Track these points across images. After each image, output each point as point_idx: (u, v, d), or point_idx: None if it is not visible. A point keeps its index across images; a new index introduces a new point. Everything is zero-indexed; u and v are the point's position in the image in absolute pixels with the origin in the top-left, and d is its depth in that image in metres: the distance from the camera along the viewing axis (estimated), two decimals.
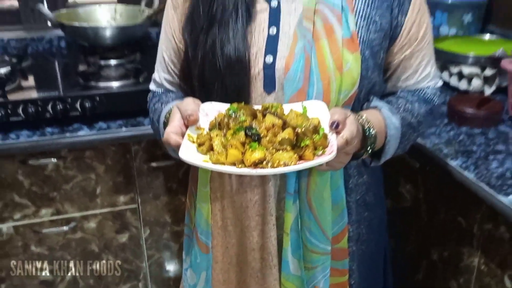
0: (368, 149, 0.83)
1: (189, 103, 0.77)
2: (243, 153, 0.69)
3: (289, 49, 0.82)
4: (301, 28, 0.82)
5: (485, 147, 1.22)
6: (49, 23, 1.89)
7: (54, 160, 1.38)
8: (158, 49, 1.01)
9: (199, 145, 0.72)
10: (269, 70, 0.83)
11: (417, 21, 0.89)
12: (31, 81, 1.57)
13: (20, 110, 1.32)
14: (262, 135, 0.71)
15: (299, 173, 0.86)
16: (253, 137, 0.70)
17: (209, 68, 0.84)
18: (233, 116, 0.74)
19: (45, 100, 1.34)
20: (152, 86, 1.05)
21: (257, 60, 0.84)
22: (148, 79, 1.44)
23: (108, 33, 1.59)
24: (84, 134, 1.35)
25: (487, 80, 1.57)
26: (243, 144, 0.70)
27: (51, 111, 1.34)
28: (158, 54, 1.01)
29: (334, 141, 0.70)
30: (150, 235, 1.59)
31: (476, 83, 1.56)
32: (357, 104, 0.88)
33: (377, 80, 0.89)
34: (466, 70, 1.56)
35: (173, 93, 1.00)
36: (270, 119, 0.72)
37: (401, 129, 0.89)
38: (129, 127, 1.39)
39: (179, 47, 0.94)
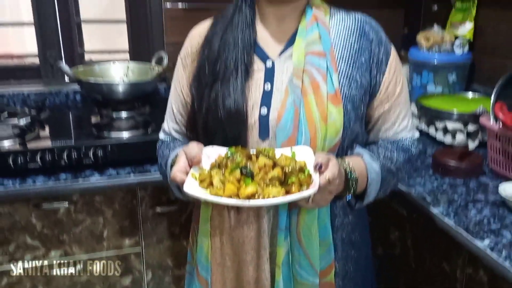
0: (351, 190, 0.94)
1: (194, 146, 0.89)
2: (239, 188, 0.81)
3: (281, 102, 0.96)
4: (291, 84, 0.96)
5: (466, 196, 1.32)
6: (66, 79, 2.05)
7: (66, 204, 1.48)
8: (168, 102, 1.15)
9: (201, 181, 0.85)
10: (263, 120, 0.96)
11: (394, 80, 1.03)
12: (48, 131, 1.70)
13: (38, 158, 1.44)
14: (255, 173, 0.83)
15: (289, 211, 0.96)
16: (247, 175, 0.83)
17: (212, 118, 0.97)
18: (231, 157, 0.87)
19: (61, 148, 1.46)
20: (161, 135, 1.18)
21: (254, 112, 0.97)
22: (156, 130, 1.58)
23: (120, 88, 1.74)
24: (95, 180, 1.47)
25: (470, 135, 1.68)
26: (238, 180, 0.82)
27: (66, 159, 1.46)
28: (168, 107, 1.14)
29: (317, 180, 0.82)
30: (152, 278, 1.66)
31: (460, 137, 1.67)
32: (341, 151, 1.00)
33: (359, 131, 1.02)
34: (450, 125, 1.68)
35: (180, 141, 1.12)
36: (262, 160, 0.85)
37: (381, 174, 1.00)
38: (137, 174, 1.50)
39: (187, 101, 1.07)
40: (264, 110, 0.96)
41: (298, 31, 1.00)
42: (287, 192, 0.81)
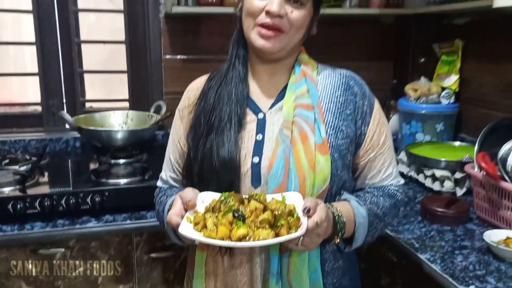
0: (339, 234, 0.98)
1: (189, 191, 0.95)
2: (231, 231, 0.86)
3: (272, 151, 1.02)
4: (281, 135, 1.02)
5: (453, 243, 1.35)
6: (67, 126, 2.12)
7: (62, 249, 1.51)
8: (166, 152, 1.21)
9: (195, 224, 0.89)
10: (256, 168, 1.02)
11: (378, 130, 1.09)
12: (48, 177, 1.75)
13: (37, 204, 1.48)
14: (246, 216, 0.88)
15: (281, 256, 1.00)
16: (239, 218, 0.87)
17: (207, 166, 1.03)
18: (224, 201, 0.92)
19: (60, 194, 1.50)
20: (159, 183, 1.24)
21: (246, 161, 1.03)
22: (153, 176, 1.63)
23: (119, 135, 1.80)
24: (92, 225, 1.50)
25: (458, 182, 1.73)
26: (231, 223, 0.87)
27: (64, 205, 1.50)
28: (166, 156, 1.21)
29: (305, 223, 0.87)
30: None
31: (448, 184, 1.72)
32: (330, 197, 1.05)
33: (347, 178, 1.07)
34: (438, 173, 1.74)
35: (177, 188, 1.18)
36: (253, 204, 0.90)
37: (368, 219, 1.04)
38: (133, 220, 1.54)
39: (184, 150, 1.13)
40: (256, 159, 1.02)
41: (288, 86, 1.08)
42: (277, 235, 0.86)
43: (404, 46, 2.36)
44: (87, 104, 2.24)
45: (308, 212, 0.88)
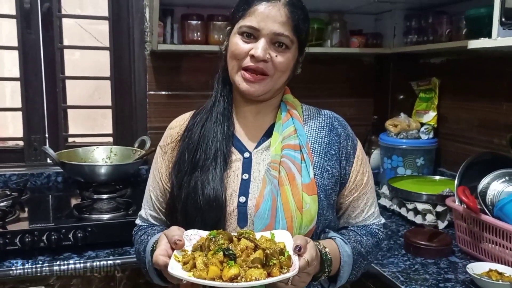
0: (326, 271, 0.98)
1: (175, 229, 0.93)
2: (222, 270, 0.83)
3: (259, 191, 1.01)
4: (268, 175, 1.02)
5: (437, 276, 1.36)
6: (49, 161, 2.10)
7: (42, 287, 1.46)
8: (145, 190, 1.19)
9: (184, 263, 0.87)
10: (242, 208, 1.01)
11: (361, 170, 1.12)
12: (29, 213, 1.71)
13: (17, 240, 1.45)
14: (237, 255, 0.86)
15: None
16: (230, 257, 0.86)
17: (191, 205, 1.01)
18: (213, 239, 0.90)
19: (41, 230, 1.47)
20: (138, 221, 1.21)
21: (232, 200, 1.02)
22: (137, 211, 1.61)
23: (103, 170, 1.78)
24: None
25: (439, 216, 1.76)
26: (221, 262, 0.85)
27: (45, 241, 1.47)
28: (146, 194, 1.19)
29: (296, 262, 0.86)
30: None
31: (430, 217, 1.75)
32: (315, 236, 1.05)
33: (331, 217, 1.08)
34: (420, 206, 1.77)
35: (158, 227, 1.16)
36: (244, 242, 0.89)
37: (353, 257, 1.05)
38: (116, 255, 1.51)
39: (166, 188, 1.12)
40: (242, 199, 1.02)
41: (275, 126, 1.09)
42: (269, 274, 0.84)
43: (384, 84, 2.43)
44: (70, 139, 2.23)
45: (299, 250, 0.87)
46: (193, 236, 0.94)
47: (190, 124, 1.12)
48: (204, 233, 0.94)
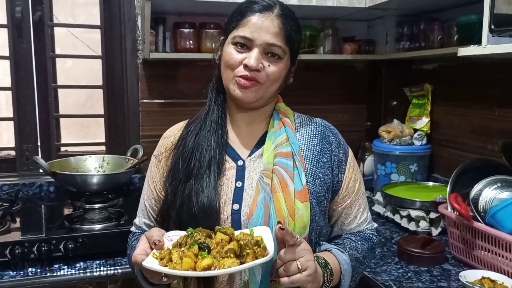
0: (328, 280, 0.98)
1: (155, 231, 0.95)
2: (196, 262, 0.85)
3: (252, 198, 1.02)
4: (261, 182, 1.03)
5: (430, 284, 1.36)
6: (41, 170, 2.09)
7: None
8: (140, 198, 1.20)
9: (161, 259, 0.88)
10: (235, 215, 1.02)
11: (353, 177, 1.13)
12: (20, 223, 1.69)
13: (7, 252, 1.43)
14: (212, 247, 0.88)
15: None
16: (204, 249, 0.87)
17: (185, 212, 1.02)
18: (190, 236, 0.91)
19: (31, 241, 1.46)
20: (132, 228, 1.23)
21: (226, 207, 1.03)
22: (129, 221, 1.61)
23: (95, 180, 1.77)
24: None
25: (432, 222, 1.76)
26: (196, 255, 0.86)
27: (36, 252, 1.46)
28: (140, 203, 1.19)
29: (271, 252, 0.88)
30: None
31: (424, 224, 1.74)
32: (309, 244, 1.03)
33: (323, 224, 1.09)
34: (414, 213, 1.76)
35: None
36: (219, 236, 0.91)
37: (351, 264, 1.05)
38: (107, 266, 1.50)
39: (159, 197, 1.13)
40: (236, 206, 1.03)
41: (267, 135, 1.10)
42: (242, 264, 0.86)
43: (377, 90, 2.44)
44: (63, 148, 2.22)
45: (282, 228, 0.89)
46: (174, 237, 0.96)
47: (184, 133, 1.13)
48: (183, 234, 0.96)
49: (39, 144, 2.13)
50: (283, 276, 0.91)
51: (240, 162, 1.08)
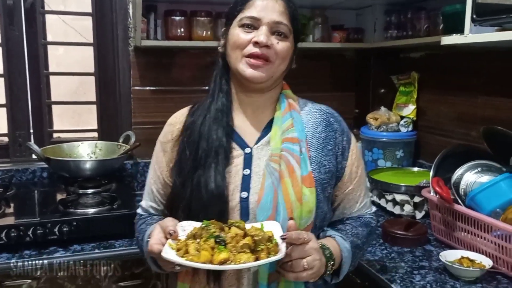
0: (329, 267, 1.03)
1: (169, 221, 0.98)
2: (212, 255, 0.89)
3: (260, 185, 1.05)
4: (269, 168, 1.06)
5: (412, 264, 1.42)
6: (34, 156, 2.12)
7: (29, 281, 1.49)
8: (146, 182, 1.23)
9: (177, 250, 0.92)
10: (244, 202, 1.05)
11: (355, 163, 1.16)
12: (14, 208, 1.73)
13: (3, 235, 1.47)
14: (227, 241, 0.92)
15: (268, 286, 1.02)
16: (221, 243, 0.91)
17: (195, 202, 1.04)
18: (205, 228, 0.94)
19: (26, 225, 1.50)
20: (139, 210, 1.26)
21: (234, 195, 1.05)
22: (122, 205, 1.65)
23: (88, 165, 1.81)
24: (59, 256, 1.49)
25: (416, 206, 1.82)
26: (212, 248, 0.90)
27: (31, 235, 1.50)
28: (146, 187, 1.22)
29: (283, 248, 0.91)
30: None
31: (408, 208, 1.81)
32: (314, 230, 1.08)
33: (327, 210, 1.12)
34: (399, 197, 1.82)
35: (157, 217, 1.20)
36: (234, 230, 0.94)
37: (352, 251, 1.09)
38: (101, 249, 1.54)
39: (166, 182, 1.15)
40: (244, 194, 1.05)
41: (274, 120, 1.12)
42: (257, 259, 0.89)
43: (365, 78, 2.48)
44: (55, 135, 2.24)
45: (284, 238, 0.93)
46: (187, 227, 0.99)
47: (188, 122, 1.14)
48: (198, 224, 0.99)
49: (31, 131, 2.15)
50: (288, 271, 0.95)
51: (247, 150, 1.10)
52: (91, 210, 1.65)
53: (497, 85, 1.80)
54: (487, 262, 1.32)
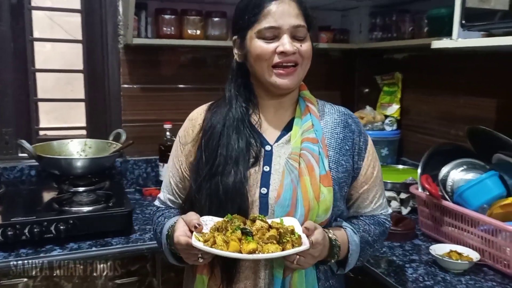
0: (335, 256, 1.06)
1: (192, 215, 1.01)
2: (241, 246, 0.92)
3: (280, 182, 1.08)
4: (288, 166, 1.09)
5: (403, 257, 1.49)
6: (20, 154, 2.09)
7: (25, 280, 1.48)
8: (165, 175, 1.25)
9: (205, 241, 0.95)
10: (263, 198, 1.07)
11: (372, 164, 1.19)
12: (7, 207, 1.72)
13: None
14: (254, 234, 0.95)
15: (283, 279, 1.05)
16: (248, 234, 0.95)
17: (215, 198, 1.06)
18: (229, 222, 0.98)
19: (23, 223, 1.50)
20: (156, 202, 1.27)
21: (254, 191, 1.08)
22: (117, 203, 1.65)
23: (80, 164, 1.80)
24: (56, 254, 1.49)
25: (403, 202, 1.89)
26: (240, 239, 0.93)
27: (27, 234, 1.50)
28: (165, 179, 1.24)
29: (306, 241, 0.95)
30: None
31: (395, 204, 1.88)
32: (328, 225, 1.12)
33: (343, 208, 1.16)
34: (386, 194, 1.88)
35: (175, 210, 1.22)
36: (259, 223, 0.98)
37: (360, 245, 1.13)
38: (98, 247, 1.55)
39: (185, 176, 1.17)
40: (264, 190, 1.08)
41: (294, 121, 1.15)
42: (283, 250, 0.93)
43: (350, 78, 2.55)
44: (41, 132, 2.22)
45: (307, 231, 0.96)
46: (209, 222, 1.02)
47: (207, 124, 1.15)
48: (218, 219, 1.01)
49: (16, 128, 2.12)
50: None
51: (268, 147, 1.12)
52: (87, 208, 1.65)
53: (478, 86, 1.88)
54: (475, 255, 1.39)
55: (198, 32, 2.12)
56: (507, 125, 1.71)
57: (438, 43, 1.48)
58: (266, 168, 1.10)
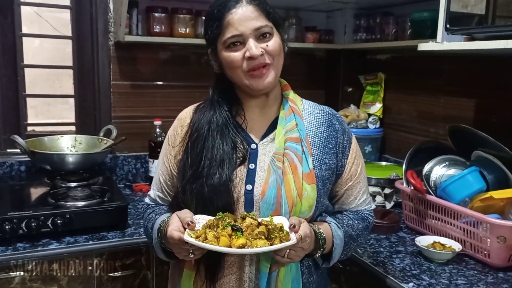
0: (320, 249, 1.12)
1: (187, 212, 1.05)
2: (230, 242, 0.97)
3: (265, 180, 1.12)
4: (273, 165, 1.13)
5: (390, 249, 1.57)
6: (8, 150, 2.09)
7: (22, 273, 1.50)
8: (155, 172, 1.28)
9: (197, 237, 0.99)
10: (248, 195, 1.12)
11: (356, 162, 1.24)
12: (1, 201, 1.72)
13: None
14: (243, 230, 1.00)
15: (269, 275, 1.09)
16: (238, 230, 0.99)
17: (200, 200, 1.10)
18: (220, 219, 1.03)
19: (20, 218, 1.51)
20: (146, 200, 1.31)
21: (239, 188, 1.12)
22: (112, 198, 1.68)
23: (72, 159, 1.83)
24: (53, 248, 1.51)
25: (387, 197, 1.98)
26: (230, 235, 0.98)
27: (24, 228, 1.51)
28: (155, 177, 1.28)
29: (294, 236, 1.01)
30: None
31: (379, 199, 1.96)
32: (312, 220, 1.17)
33: (327, 204, 1.21)
34: (370, 189, 1.96)
35: (165, 207, 1.26)
36: (249, 220, 1.03)
37: (344, 239, 1.18)
38: (94, 241, 1.58)
39: (173, 173, 1.21)
40: (249, 187, 1.12)
41: (278, 120, 1.19)
42: (271, 245, 0.98)
43: (334, 77, 2.62)
44: (29, 128, 2.21)
45: (293, 227, 1.01)
46: (201, 220, 1.06)
47: (193, 127, 1.18)
48: (210, 218, 1.06)
49: (4, 124, 2.11)
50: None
51: (253, 146, 1.17)
52: (82, 203, 1.67)
53: (458, 86, 1.98)
54: (457, 246, 1.48)
55: (188, 30, 2.16)
56: (486, 123, 1.82)
57: (424, 46, 1.56)
58: (252, 166, 1.14)
